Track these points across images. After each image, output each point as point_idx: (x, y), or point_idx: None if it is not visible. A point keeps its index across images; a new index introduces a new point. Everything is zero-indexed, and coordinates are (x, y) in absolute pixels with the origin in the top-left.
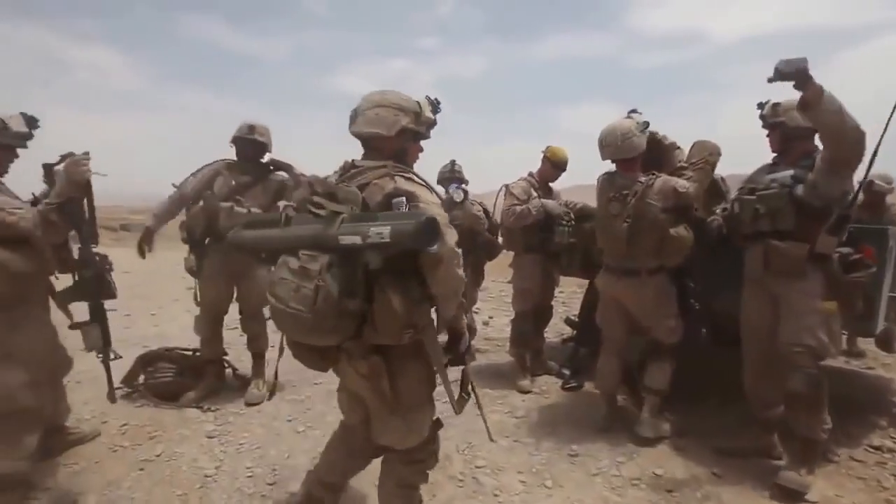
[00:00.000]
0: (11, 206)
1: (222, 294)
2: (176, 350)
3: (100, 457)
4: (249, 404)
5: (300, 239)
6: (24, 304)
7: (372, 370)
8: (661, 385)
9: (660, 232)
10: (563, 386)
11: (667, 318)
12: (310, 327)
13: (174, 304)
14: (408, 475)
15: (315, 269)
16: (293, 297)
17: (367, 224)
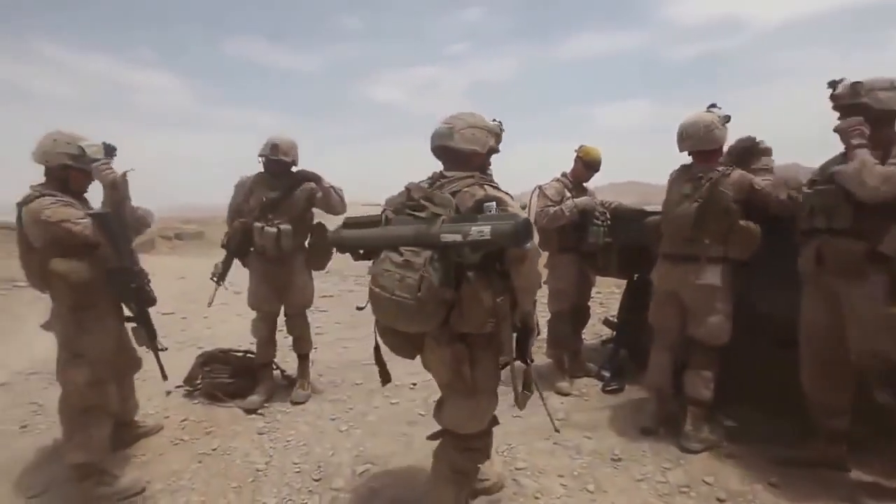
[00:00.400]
0: (76, 217)
1: (270, 298)
2: (231, 352)
3: (163, 449)
4: (295, 403)
5: (402, 237)
6: (92, 308)
7: (454, 356)
8: (702, 395)
9: (729, 220)
10: (603, 388)
11: (715, 315)
12: (412, 313)
13: (224, 308)
14: (461, 462)
15: (419, 262)
16: (398, 286)
17: (468, 224)
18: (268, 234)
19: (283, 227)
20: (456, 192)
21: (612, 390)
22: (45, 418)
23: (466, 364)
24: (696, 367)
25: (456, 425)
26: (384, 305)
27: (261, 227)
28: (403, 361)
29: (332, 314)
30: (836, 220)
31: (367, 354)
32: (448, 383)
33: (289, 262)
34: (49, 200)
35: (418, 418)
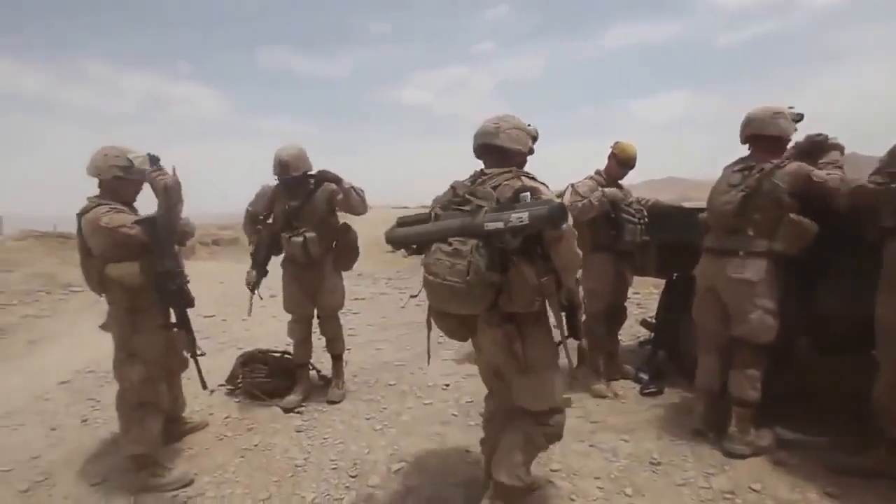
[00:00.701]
0: (130, 222)
1: (303, 301)
2: (269, 352)
3: (209, 444)
4: (331, 402)
5: (449, 229)
6: (144, 310)
7: (506, 336)
8: (748, 395)
9: (777, 212)
10: (641, 391)
11: (759, 312)
12: (463, 296)
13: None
14: (535, 434)
15: (466, 249)
16: (448, 272)
17: (508, 212)
18: (295, 244)
19: (309, 234)
20: (496, 186)
21: (650, 392)
22: (103, 413)
23: (518, 342)
24: (740, 366)
25: (526, 403)
26: (437, 290)
27: (287, 237)
28: (436, 364)
29: (364, 316)
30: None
31: (399, 356)
32: (503, 363)
33: (318, 266)
34: (105, 209)
35: (451, 419)
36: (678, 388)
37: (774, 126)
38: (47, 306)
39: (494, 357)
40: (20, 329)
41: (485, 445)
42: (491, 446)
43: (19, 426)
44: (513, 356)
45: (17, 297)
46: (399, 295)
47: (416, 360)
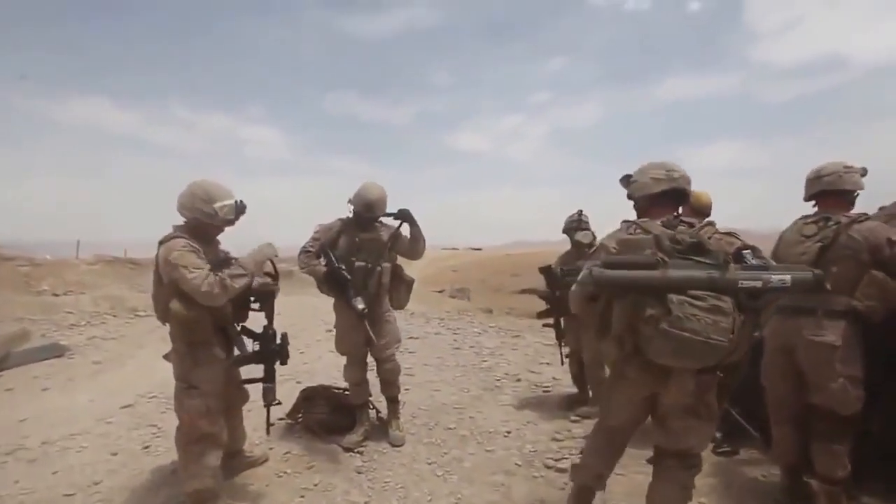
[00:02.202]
0: (195, 266)
1: (357, 342)
2: (331, 388)
3: (269, 480)
4: (395, 445)
5: (694, 280)
6: (203, 345)
7: (703, 384)
8: (834, 472)
9: (858, 268)
10: (714, 450)
11: (841, 379)
12: (723, 354)
13: (318, 344)
14: (687, 478)
15: (727, 307)
16: (713, 329)
17: (766, 272)
18: (359, 269)
19: (385, 265)
20: (709, 237)
21: (723, 452)
22: (165, 441)
23: (712, 392)
24: (822, 439)
25: (692, 446)
26: (691, 347)
27: (364, 266)
28: (497, 409)
29: (420, 356)
30: None
31: (456, 398)
32: (689, 408)
33: (375, 304)
34: (181, 243)
35: (515, 468)
36: (755, 449)
37: (849, 181)
38: (113, 329)
39: (680, 402)
40: (87, 350)
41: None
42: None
43: (82, 448)
44: (703, 403)
45: (85, 319)
46: (453, 336)
47: (474, 403)
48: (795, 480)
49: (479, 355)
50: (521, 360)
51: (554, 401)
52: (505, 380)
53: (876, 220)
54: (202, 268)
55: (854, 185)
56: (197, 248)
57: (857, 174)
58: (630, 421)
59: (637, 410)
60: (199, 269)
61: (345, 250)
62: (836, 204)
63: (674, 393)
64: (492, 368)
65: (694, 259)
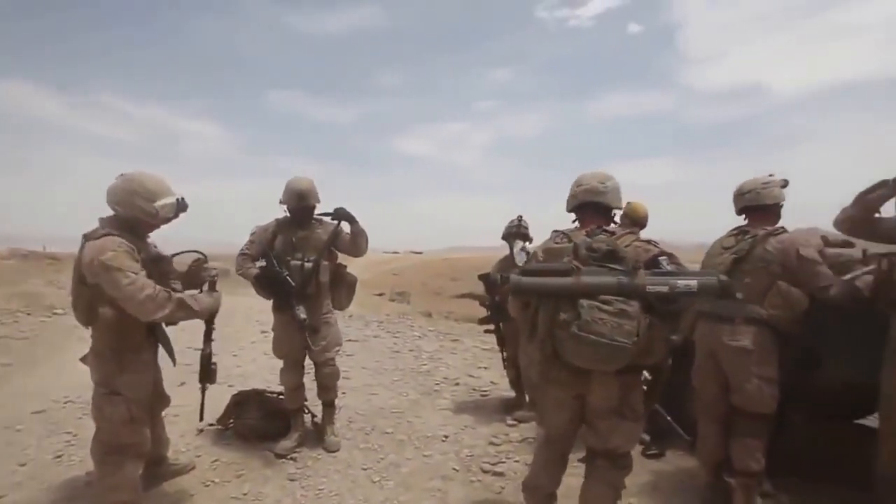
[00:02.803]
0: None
1: (296, 345)
2: (265, 393)
3: (194, 490)
4: (330, 451)
5: (603, 286)
6: (132, 350)
7: (625, 385)
8: (750, 466)
9: (767, 278)
10: (643, 452)
11: (755, 380)
12: (627, 355)
13: (252, 347)
14: (616, 478)
15: (633, 310)
16: (617, 332)
17: (673, 277)
18: (295, 267)
19: (324, 263)
20: (627, 246)
21: (652, 455)
22: (80, 450)
23: (632, 391)
24: (740, 436)
25: (619, 445)
26: (597, 349)
27: (300, 265)
28: (435, 414)
29: (358, 359)
30: None
31: (394, 402)
32: (613, 409)
33: (314, 306)
34: (116, 242)
35: (452, 473)
36: (681, 450)
37: (768, 195)
38: (26, 328)
39: (604, 404)
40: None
41: (534, 494)
42: (546, 495)
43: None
44: (627, 404)
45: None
46: (392, 339)
47: (412, 407)
48: (718, 478)
49: (419, 359)
50: (459, 364)
51: (492, 405)
52: (444, 384)
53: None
54: (138, 273)
55: (774, 198)
56: (132, 249)
57: (777, 187)
58: (565, 425)
59: (568, 412)
60: (136, 273)
61: (281, 250)
62: (762, 217)
63: (597, 394)
64: (430, 372)
65: (607, 266)
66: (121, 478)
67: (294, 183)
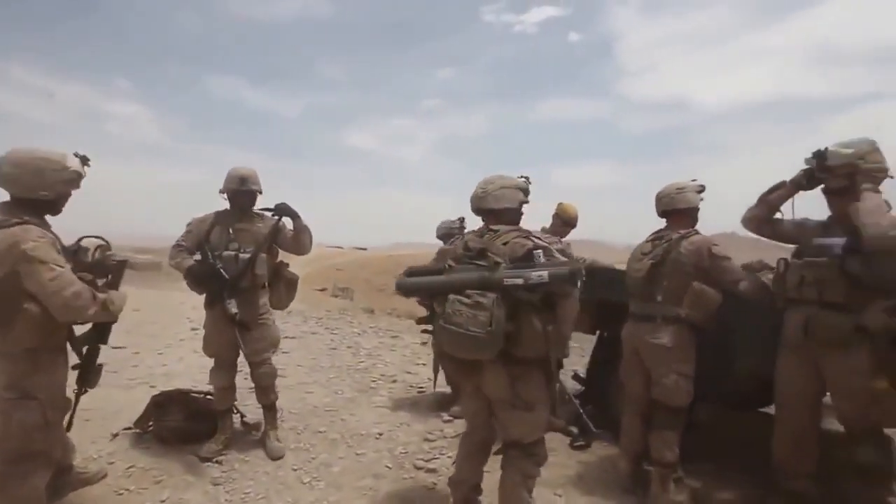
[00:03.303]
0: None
1: (228, 343)
2: (190, 393)
3: (107, 499)
4: (274, 458)
5: (468, 282)
6: (50, 351)
7: (511, 376)
8: (665, 457)
9: (682, 279)
10: (571, 444)
11: (673, 375)
12: (484, 345)
13: (181, 344)
14: (528, 467)
15: (488, 302)
16: (471, 322)
17: (528, 270)
18: (228, 257)
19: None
20: (506, 243)
21: (579, 446)
22: None
23: (521, 382)
24: (657, 428)
25: (521, 436)
26: (457, 339)
27: (234, 255)
28: (371, 411)
29: (294, 356)
30: (829, 293)
31: (329, 400)
32: (507, 400)
33: (248, 303)
34: (36, 231)
35: (385, 471)
36: (606, 441)
37: (680, 200)
38: None
39: (496, 395)
40: None
41: (458, 488)
42: (470, 487)
43: None
44: (516, 395)
45: None
46: (331, 336)
47: (347, 405)
48: (638, 467)
49: (356, 356)
50: (398, 360)
51: (428, 401)
52: (381, 381)
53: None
54: (63, 266)
55: (687, 203)
56: (55, 239)
57: (692, 192)
58: (475, 415)
59: (475, 403)
60: (61, 267)
61: (217, 241)
62: (678, 221)
63: (489, 385)
64: (368, 369)
65: (477, 263)
66: (27, 489)
67: (235, 170)
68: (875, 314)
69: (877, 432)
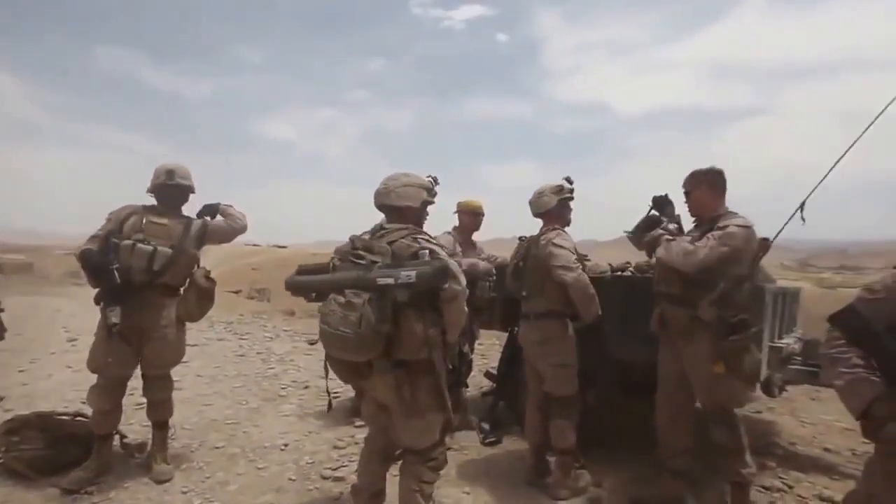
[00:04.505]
0: None
1: (123, 359)
2: (53, 415)
3: None
4: (159, 482)
5: (345, 281)
6: None
7: (396, 380)
8: (563, 443)
9: (541, 275)
10: (482, 441)
11: (553, 368)
12: (354, 345)
13: (51, 359)
14: (424, 473)
15: (359, 302)
16: (341, 322)
17: (398, 269)
18: (140, 252)
19: (162, 248)
20: (392, 241)
21: (490, 442)
22: None
23: (406, 387)
24: (553, 417)
25: (412, 443)
26: (330, 339)
27: (131, 245)
28: (277, 421)
29: (194, 366)
30: (672, 287)
31: (231, 412)
32: (393, 405)
33: (154, 310)
34: None
35: (288, 484)
36: (516, 436)
37: (537, 205)
38: None
39: (384, 400)
40: None
41: (359, 495)
42: (371, 494)
43: None
44: (402, 399)
45: None
46: (239, 342)
47: (251, 416)
48: (540, 458)
49: (266, 362)
50: (313, 365)
51: (342, 407)
52: (291, 388)
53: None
54: None
55: (542, 206)
56: None
57: (547, 195)
58: (376, 417)
59: (371, 406)
60: None
61: (126, 233)
62: (546, 222)
63: (377, 389)
64: (278, 376)
65: (358, 262)
66: None
67: (163, 164)
68: (705, 307)
69: (725, 412)
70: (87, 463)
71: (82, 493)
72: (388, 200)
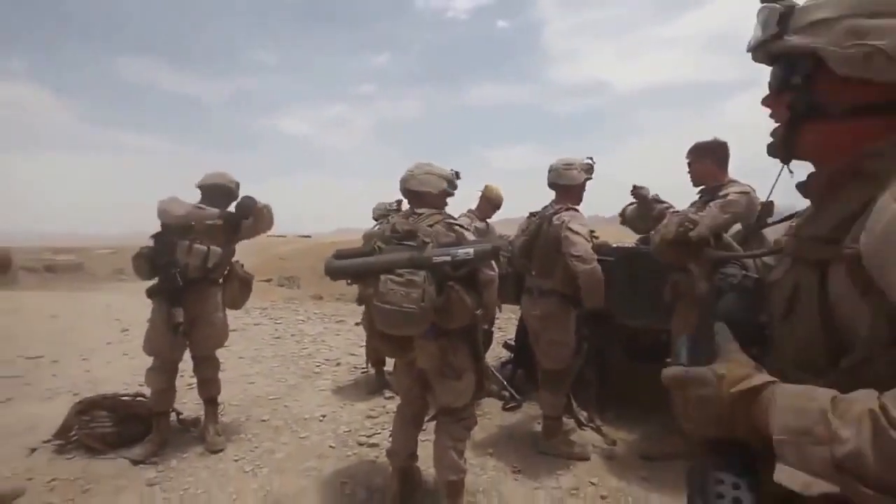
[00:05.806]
0: None
1: (174, 342)
2: (117, 396)
3: None
4: (214, 452)
5: (397, 261)
6: None
7: (442, 349)
8: (550, 411)
9: (551, 255)
10: (503, 406)
11: (550, 344)
12: (417, 319)
13: (108, 348)
14: (458, 431)
15: (419, 279)
16: (404, 299)
17: (455, 248)
18: (197, 252)
19: (213, 248)
20: (431, 224)
21: (511, 408)
22: None
23: (450, 353)
24: (543, 387)
25: (450, 402)
26: (392, 316)
27: (188, 245)
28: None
29: (235, 349)
30: None
31: (272, 389)
32: (438, 370)
33: (202, 299)
34: None
35: (328, 451)
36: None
37: (566, 177)
38: None
39: (428, 366)
40: None
41: (395, 457)
42: (406, 455)
43: None
44: (447, 364)
45: None
46: (275, 326)
47: (290, 392)
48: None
49: (300, 343)
50: (342, 344)
51: (372, 380)
52: (325, 365)
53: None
54: None
55: (570, 180)
56: None
57: (577, 170)
58: (409, 388)
59: (409, 377)
60: None
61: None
62: (564, 196)
63: (422, 359)
64: (312, 355)
65: (405, 244)
66: None
67: (226, 176)
68: None
69: None
70: (149, 437)
71: (148, 463)
72: (411, 185)
